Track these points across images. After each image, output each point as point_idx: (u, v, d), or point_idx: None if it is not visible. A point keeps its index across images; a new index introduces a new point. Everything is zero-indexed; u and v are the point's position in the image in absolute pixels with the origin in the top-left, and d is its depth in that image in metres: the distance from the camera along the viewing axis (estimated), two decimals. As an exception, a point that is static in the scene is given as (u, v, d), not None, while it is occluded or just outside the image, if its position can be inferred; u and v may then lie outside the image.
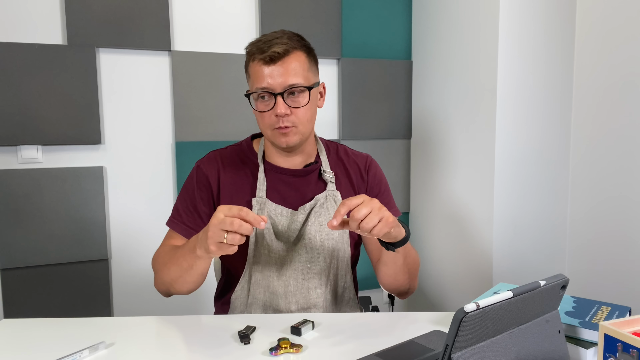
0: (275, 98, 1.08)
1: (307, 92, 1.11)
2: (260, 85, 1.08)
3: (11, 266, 1.78)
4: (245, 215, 0.90)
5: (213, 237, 0.91)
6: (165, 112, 1.95)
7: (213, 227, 0.91)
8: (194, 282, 1.09)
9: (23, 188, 1.78)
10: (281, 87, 1.08)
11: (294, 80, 1.08)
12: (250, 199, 1.17)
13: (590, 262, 1.84)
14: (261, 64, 1.08)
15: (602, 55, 1.76)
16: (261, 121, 1.13)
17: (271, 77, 1.07)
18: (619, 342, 0.71)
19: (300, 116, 1.11)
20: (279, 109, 1.08)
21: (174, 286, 1.11)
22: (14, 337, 0.98)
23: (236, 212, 0.91)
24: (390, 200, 1.28)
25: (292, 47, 1.09)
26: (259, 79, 1.08)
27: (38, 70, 1.76)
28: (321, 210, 1.17)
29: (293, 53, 1.09)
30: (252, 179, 1.19)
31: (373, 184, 1.26)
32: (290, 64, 1.08)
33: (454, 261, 2.05)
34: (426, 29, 2.17)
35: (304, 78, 1.10)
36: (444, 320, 1.03)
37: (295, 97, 1.10)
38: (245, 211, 0.90)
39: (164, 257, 1.13)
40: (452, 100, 2.01)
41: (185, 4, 1.94)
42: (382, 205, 0.96)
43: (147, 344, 0.95)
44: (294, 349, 0.90)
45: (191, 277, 1.07)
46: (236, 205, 1.17)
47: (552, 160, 1.88)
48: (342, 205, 0.94)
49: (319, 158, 1.24)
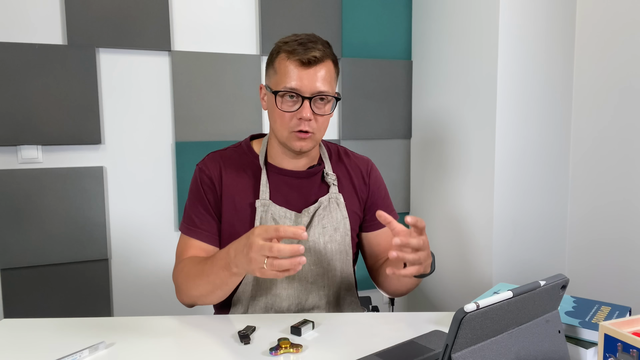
0: (302, 101, 1.08)
1: (332, 101, 1.12)
2: (291, 85, 1.08)
3: (11, 266, 1.78)
4: (282, 233, 0.86)
5: (257, 263, 0.88)
6: (165, 112, 1.95)
7: (255, 253, 0.88)
8: (225, 294, 1.08)
9: (23, 188, 1.78)
10: (311, 92, 1.08)
11: (324, 87, 1.09)
12: (253, 201, 1.16)
13: (590, 262, 1.84)
14: (297, 65, 1.08)
15: (603, 56, 1.76)
16: (280, 121, 1.11)
17: (303, 79, 1.07)
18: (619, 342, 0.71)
19: (320, 124, 1.12)
20: (304, 113, 1.07)
21: (203, 300, 1.09)
22: (14, 337, 0.98)
23: (273, 234, 0.87)
24: (390, 204, 1.29)
25: (326, 55, 1.10)
26: (291, 78, 1.08)
27: (38, 70, 1.76)
28: (324, 212, 1.17)
29: (326, 61, 1.10)
30: (253, 180, 1.18)
31: (375, 188, 1.27)
32: (321, 70, 1.09)
33: (454, 261, 2.05)
34: (426, 29, 2.17)
35: (331, 87, 1.11)
36: (444, 320, 1.03)
37: (321, 104, 1.10)
38: (283, 230, 0.86)
39: (190, 271, 1.10)
40: (452, 100, 2.01)
41: (185, 4, 1.94)
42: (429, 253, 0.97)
43: (147, 344, 0.94)
44: (294, 349, 0.90)
45: (223, 291, 1.06)
46: (238, 205, 1.17)
47: (552, 161, 1.88)
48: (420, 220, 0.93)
49: (321, 160, 1.24)
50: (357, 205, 1.24)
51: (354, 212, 1.22)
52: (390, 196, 1.32)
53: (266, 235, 0.88)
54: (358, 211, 1.24)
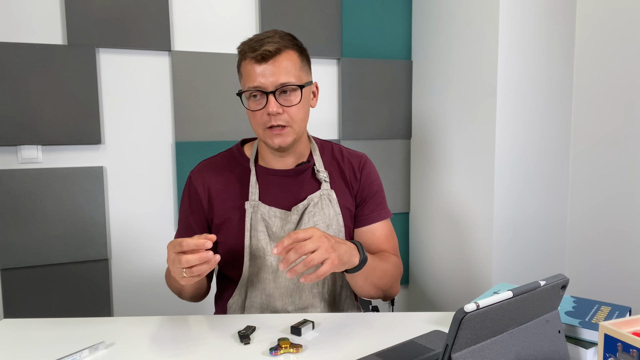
0: (267, 97, 1.08)
1: (299, 90, 1.11)
2: (252, 84, 1.08)
3: (11, 266, 1.78)
4: (185, 247, 0.91)
5: (176, 274, 0.96)
6: (165, 112, 1.95)
7: (171, 266, 0.96)
8: (195, 295, 1.19)
9: (23, 188, 1.78)
10: (273, 85, 1.08)
11: (285, 78, 1.08)
12: (243, 203, 1.17)
13: (590, 262, 1.84)
14: (253, 63, 1.08)
15: (602, 56, 1.76)
16: (253, 120, 1.13)
17: (263, 75, 1.07)
18: (619, 342, 0.71)
19: (293, 115, 1.11)
20: (270, 108, 1.08)
21: (183, 297, 1.21)
22: (14, 337, 0.98)
23: (178, 249, 0.92)
24: (382, 201, 1.27)
25: (284, 45, 1.09)
26: (251, 77, 1.08)
27: (38, 70, 1.76)
28: (315, 209, 1.17)
29: (285, 52, 1.09)
30: (243, 183, 1.19)
31: (366, 184, 1.25)
32: (281, 62, 1.08)
33: (454, 261, 2.05)
34: (426, 29, 2.17)
35: (295, 77, 1.10)
36: (444, 320, 1.04)
37: (287, 96, 1.10)
38: (185, 243, 0.91)
39: (168, 274, 1.18)
40: (452, 100, 2.01)
41: (185, 4, 1.94)
42: (332, 245, 0.95)
43: (147, 344, 0.95)
44: (294, 349, 0.90)
45: (188, 293, 1.17)
46: (229, 210, 1.19)
47: (552, 161, 1.88)
48: (287, 237, 0.94)
49: (311, 157, 1.23)
50: (350, 202, 1.23)
51: (346, 209, 1.22)
52: (388, 195, 1.32)
53: (174, 250, 0.93)
54: (351, 207, 1.23)
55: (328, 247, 0.94)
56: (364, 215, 1.24)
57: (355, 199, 1.25)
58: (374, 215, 1.24)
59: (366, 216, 1.24)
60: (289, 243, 0.93)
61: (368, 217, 1.24)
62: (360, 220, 1.24)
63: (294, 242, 0.93)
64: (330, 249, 0.95)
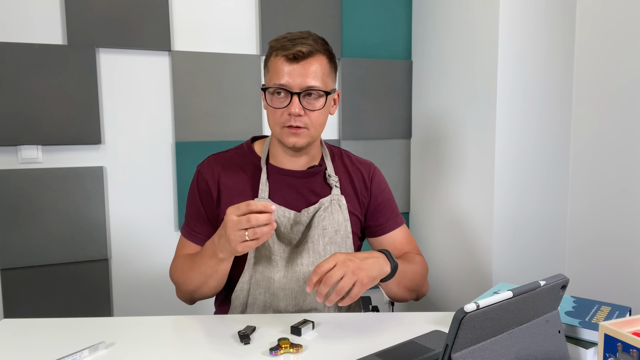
0: (291, 97, 1.08)
1: (323, 96, 1.11)
2: (279, 81, 1.08)
3: (11, 266, 1.78)
4: (254, 208, 0.92)
5: (236, 240, 0.93)
6: (165, 112, 1.95)
7: (231, 230, 0.93)
8: (218, 284, 1.12)
9: (23, 188, 1.78)
10: (299, 87, 1.08)
11: (313, 82, 1.08)
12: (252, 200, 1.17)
13: (590, 262, 1.84)
14: (283, 61, 1.08)
15: (602, 55, 1.76)
16: (272, 117, 1.12)
17: (291, 75, 1.07)
18: (619, 342, 0.71)
19: (313, 119, 1.11)
20: (293, 108, 1.07)
21: (199, 292, 1.13)
22: (14, 337, 0.98)
23: (245, 209, 0.93)
24: (394, 209, 1.28)
25: (316, 49, 1.09)
26: (278, 75, 1.08)
27: (38, 70, 1.76)
28: (325, 214, 1.17)
29: (316, 55, 1.09)
30: (253, 181, 1.19)
31: (377, 193, 1.26)
32: (311, 65, 1.08)
33: (454, 261, 2.05)
34: (426, 29, 2.17)
35: (322, 82, 1.10)
36: (444, 320, 1.04)
37: (311, 99, 1.10)
38: (253, 203, 0.92)
39: (183, 267, 1.14)
40: (452, 100, 2.01)
41: (185, 4, 1.94)
42: (357, 266, 0.96)
43: (147, 344, 0.94)
44: (294, 349, 0.90)
45: (215, 280, 1.10)
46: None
47: (552, 160, 1.88)
48: (314, 273, 0.95)
49: (323, 161, 1.24)
50: (358, 209, 1.24)
51: (354, 215, 1.22)
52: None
53: (238, 212, 0.93)
54: (359, 215, 1.24)
55: (354, 269, 0.95)
56: (380, 224, 1.25)
57: (365, 208, 1.25)
58: (390, 224, 1.25)
59: (383, 225, 1.25)
60: (317, 278, 0.95)
61: (385, 226, 1.25)
62: (377, 230, 1.25)
63: (320, 275, 0.94)
64: (357, 270, 0.95)
